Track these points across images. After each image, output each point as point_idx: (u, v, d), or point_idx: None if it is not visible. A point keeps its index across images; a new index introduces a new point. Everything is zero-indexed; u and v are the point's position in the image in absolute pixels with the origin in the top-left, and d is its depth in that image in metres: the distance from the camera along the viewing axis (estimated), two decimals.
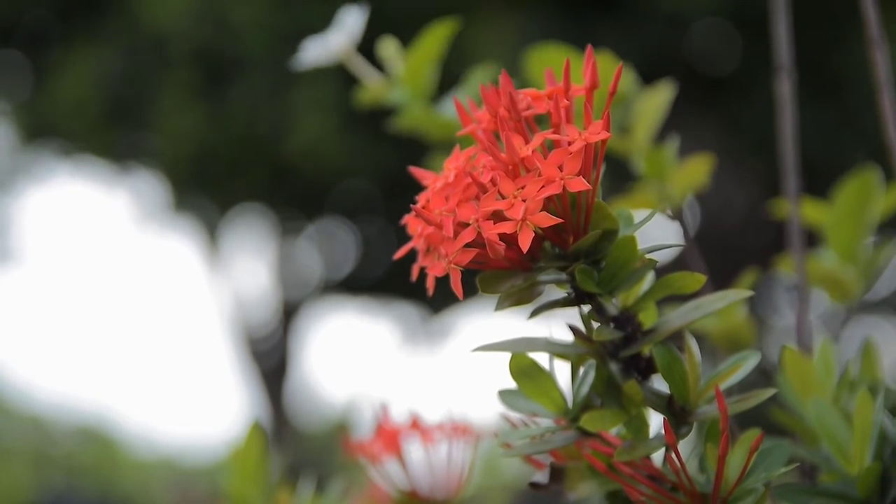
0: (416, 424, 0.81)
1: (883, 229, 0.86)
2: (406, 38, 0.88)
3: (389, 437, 0.80)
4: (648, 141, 0.85)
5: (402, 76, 0.87)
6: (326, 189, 4.45)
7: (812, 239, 0.88)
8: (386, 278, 5.01)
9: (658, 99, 0.85)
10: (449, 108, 0.87)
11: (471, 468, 0.82)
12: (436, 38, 0.86)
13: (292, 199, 4.61)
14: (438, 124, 0.86)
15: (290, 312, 5.70)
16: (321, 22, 0.94)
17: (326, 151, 3.75)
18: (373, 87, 0.88)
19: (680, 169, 0.85)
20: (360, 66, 0.88)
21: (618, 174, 0.54)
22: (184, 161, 4.22)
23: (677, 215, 0.82)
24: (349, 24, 0.86)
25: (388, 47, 0.88)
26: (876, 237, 0.85)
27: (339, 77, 2.93)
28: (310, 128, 3.68)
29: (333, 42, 0.86)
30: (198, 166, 4.23)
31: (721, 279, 0.87)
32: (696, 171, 0.85)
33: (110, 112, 4.14)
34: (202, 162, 4.18)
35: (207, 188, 4.57)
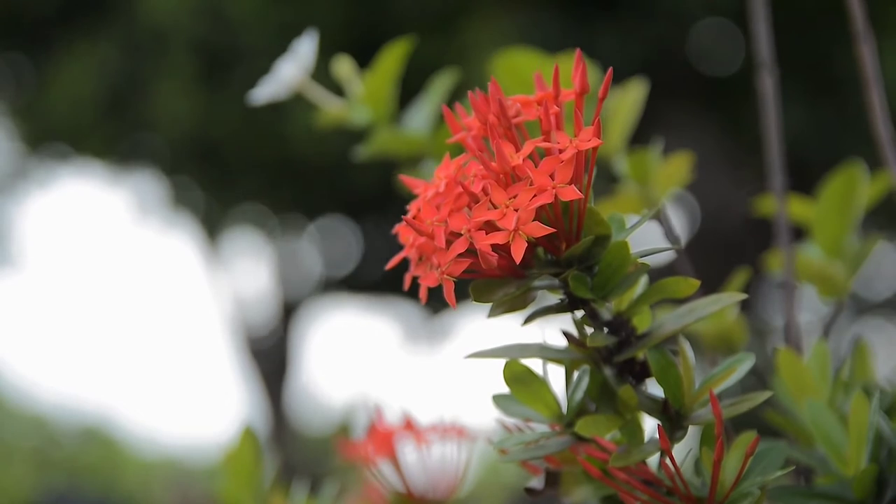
0: (409, 425, 0.81)
1: (868, 222, 0.86)
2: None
3: (383, 438, 0.80)
4: (623, 140, 0.85)
5: (362, 97, 0.85)
6: (327, 187, 4.45)
7: (802, 236, 0.88)
8: (386, 278, 5.01)
9: (631, 97, 0.83)
10: (414, 122, 0.86)
11: (465, 469, 0.82)
12: (395, 57, 0.85)
13: (293, 197, 4.60)
14: (405, 141, 0.85)
15: (290, 312, 5.70)
16: (317, 11, 0.93)
17: (325, 141, 3.74)
18: (332, 110, 0.87)
19: (661, 169, 0.84)
20: (318, 93, 0.86)
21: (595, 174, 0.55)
22: (183, 156, 4.22)
23: (661, 217, 0.82)
24: (301, 54, 0.85)
25: (343, 68, 0.87)
26: (861, 231, 0.85)
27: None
28: (307, 117, 3.68)
29: (287, 74, 0.85)
30: (198, 162, 4.23)
31: (719, 280, 0.87)
32: (677, 170, 0.84)
33: (110, 107, 4.13)
34: (202, 157, 4.17)
35: (208, 186, 4.56)
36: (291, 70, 0.85)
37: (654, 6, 3.55)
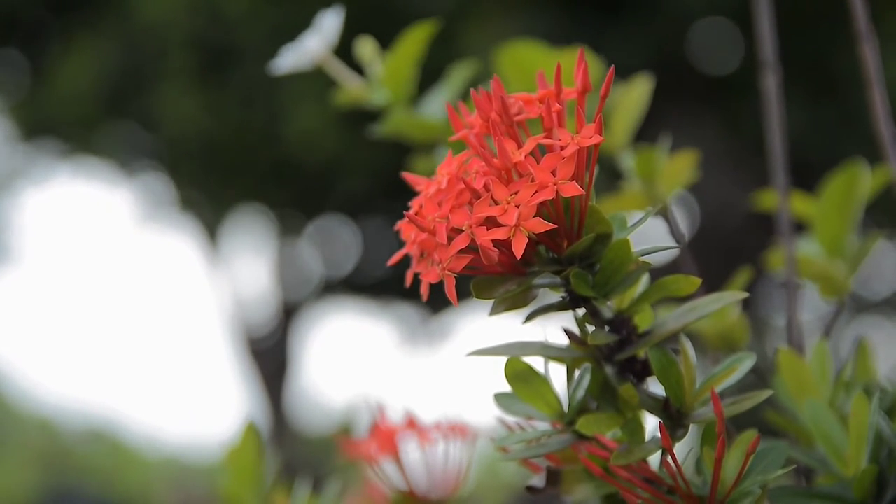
0: (411, 424, 0.81)
1: (865, 219, 0.86)
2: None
3: (385, 437, 0.80)
4: (628, 136, 0.84)
5: (382, 78, 0.85)
6: (326, 187, 4.45)
7: (800, 229, 0.88)
8: (386, 278, 5.01)
9: (636, 92, 0.83)
10: (431, 109, 0.86)
11: (467, 468, 0.82)
12: (416, 39, 0.85)
13: (292, 197, 4.60)
14: (421, 126, 0.85)
15: (290, 312, 5.69)
16: (316, 12, 0.93)
17: (323, 141, 3.74)
18: (352, 89, 0.87)
19: (667, 166, 0.84)
20: (339, 70, 0.86)
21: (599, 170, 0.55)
22: (183, 156, 4.22)
23: (667, 214, 0.82)
24: (326, 28, 0.85)
25: (365, 48, 0.87)
26: (859, 228, 0.84)
27: None
28: (305, 117, 3.68)
29: (310, 46, 0.85)
30: (197, 161, 4.23)
31: (720, 279, 0.87)
32: (683, 168, 0.84)
33: (109, 103, 4.13)
34: (201, 156, 4.17)
35: (208, 185, 4.56)
36: (315, 43, 0.84)
37: (656, 6, 3.55)
